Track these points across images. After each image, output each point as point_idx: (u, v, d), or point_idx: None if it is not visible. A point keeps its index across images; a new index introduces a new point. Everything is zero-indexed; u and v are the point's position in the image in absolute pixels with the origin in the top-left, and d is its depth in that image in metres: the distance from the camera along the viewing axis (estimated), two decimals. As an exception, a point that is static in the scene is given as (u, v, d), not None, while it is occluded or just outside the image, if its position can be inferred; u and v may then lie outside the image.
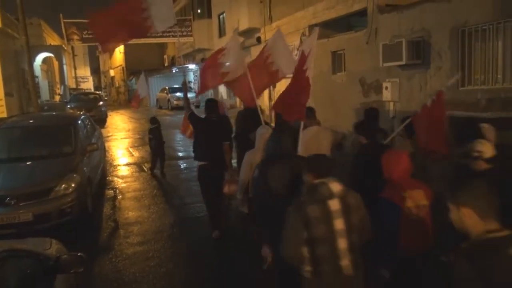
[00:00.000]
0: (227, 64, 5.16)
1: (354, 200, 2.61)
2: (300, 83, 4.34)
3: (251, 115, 5.32)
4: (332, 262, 2.54)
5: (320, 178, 2.60)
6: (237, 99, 17.28)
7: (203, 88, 5.98)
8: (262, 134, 3.88)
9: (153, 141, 9.31)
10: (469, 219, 1.77)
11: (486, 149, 3.05)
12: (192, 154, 5.57)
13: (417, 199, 2.84)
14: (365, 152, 3.81)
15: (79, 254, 2.69)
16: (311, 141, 3.87)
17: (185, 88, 5.82)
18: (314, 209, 2.50)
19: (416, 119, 4.10)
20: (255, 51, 16.18)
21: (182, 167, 10.02)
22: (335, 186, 2.56)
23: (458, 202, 1.81)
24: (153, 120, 9.52)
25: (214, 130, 5.28)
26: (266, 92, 13.95)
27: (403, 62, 7.72)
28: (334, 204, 2.53)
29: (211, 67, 5.36)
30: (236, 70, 5.21)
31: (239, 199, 4.14)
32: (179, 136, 13.17)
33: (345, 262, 2.54)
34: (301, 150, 3.93)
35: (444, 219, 2.18)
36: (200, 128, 5.40)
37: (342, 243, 2.53)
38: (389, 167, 2.95)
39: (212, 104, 5.47)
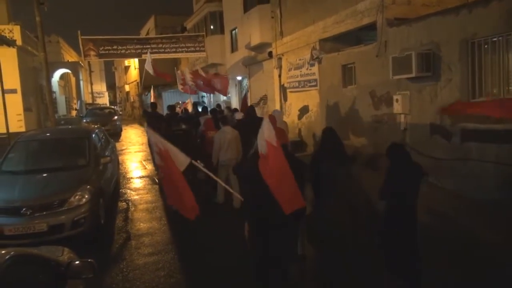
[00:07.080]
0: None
1: None
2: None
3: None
4: None
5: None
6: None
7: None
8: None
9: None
10: None
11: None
12: None
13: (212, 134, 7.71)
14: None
15: (89, 260, 2.77)
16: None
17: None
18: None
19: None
20: (267, 65, 16.36)
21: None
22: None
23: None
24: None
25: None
26: (278, 102, 14.81)
27: (413, 75, 7.72)
28: None
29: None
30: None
31: None
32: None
33: None
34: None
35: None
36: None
37: None
38: (206, 125, 8.36)
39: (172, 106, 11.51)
